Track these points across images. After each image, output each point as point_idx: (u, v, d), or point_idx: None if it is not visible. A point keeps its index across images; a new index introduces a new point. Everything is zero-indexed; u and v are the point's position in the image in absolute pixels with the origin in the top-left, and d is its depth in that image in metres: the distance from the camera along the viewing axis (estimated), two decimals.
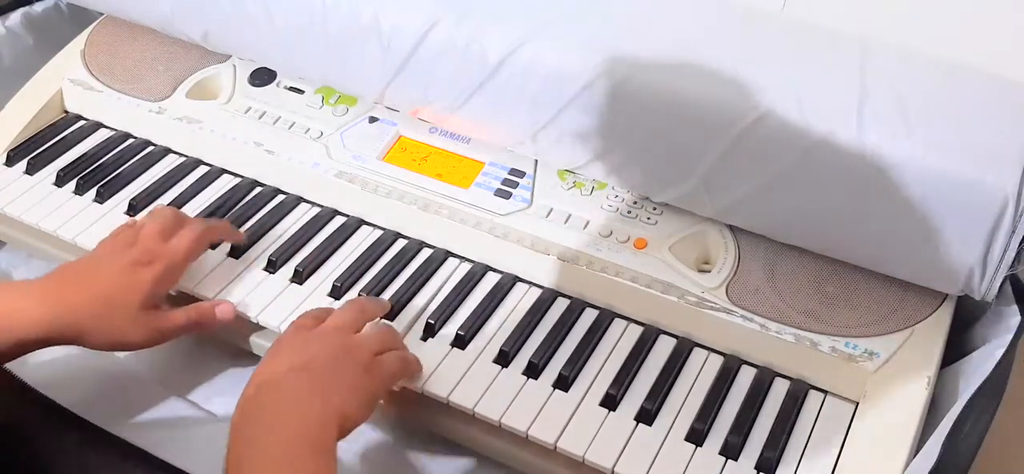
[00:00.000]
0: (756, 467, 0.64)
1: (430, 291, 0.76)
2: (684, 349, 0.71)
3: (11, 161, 0.89)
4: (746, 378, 0.69)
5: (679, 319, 0.72)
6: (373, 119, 0.87)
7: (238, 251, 0.79)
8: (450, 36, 0.76)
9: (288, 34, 0.84)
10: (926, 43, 0.72)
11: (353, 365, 0.63)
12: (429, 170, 0.82)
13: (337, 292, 0.76)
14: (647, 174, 0.75)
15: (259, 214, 0.83)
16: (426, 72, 0.79)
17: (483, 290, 0.76)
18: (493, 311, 0.74)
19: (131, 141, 0.91)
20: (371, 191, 0.82)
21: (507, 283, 0.76)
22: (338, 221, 0.82)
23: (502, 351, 0.71)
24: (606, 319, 0.73)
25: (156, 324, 0.70)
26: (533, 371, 0.69)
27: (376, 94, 0.83)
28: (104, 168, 0.88)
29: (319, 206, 0.84)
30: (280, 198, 0.85)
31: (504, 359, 0.70)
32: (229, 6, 0.85)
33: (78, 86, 0.94)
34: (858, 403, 0.67)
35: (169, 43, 0.95)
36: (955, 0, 0.77)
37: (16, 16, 1.01)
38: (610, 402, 0.67)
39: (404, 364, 0.67)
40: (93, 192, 0.85)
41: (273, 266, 0.78)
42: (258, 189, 0.85)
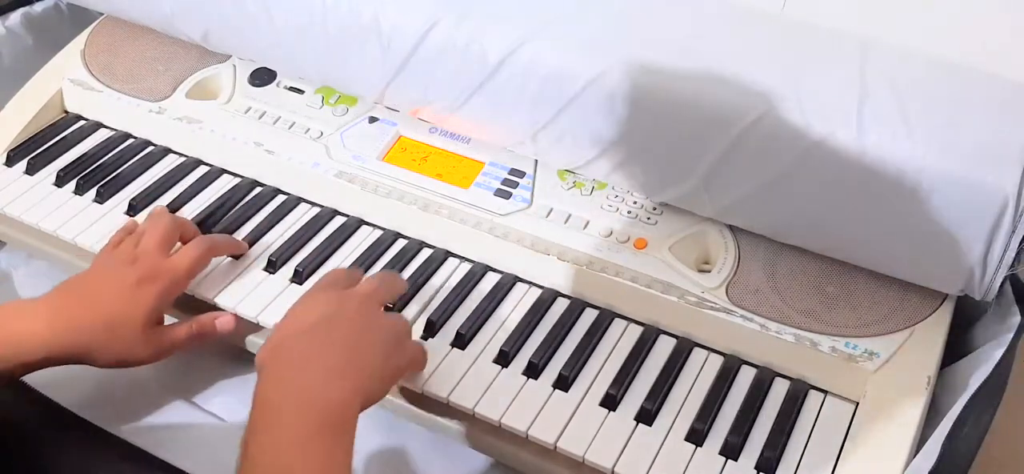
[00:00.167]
0: (756, 467, 0.64)
1: (430, 291, 0.76)
2: (684, 349, 0.71)
3: (11, 161, 0.89)
4: (746, 378, 0.69)
5: (679, 319, 0.72)
6: (373, 119, 0.87)
7: (239, 254, 0.79)
8: (450, 36, 0.76)
9: (288, 34, 0.84)
10: (926, 43, 0.72)
11: (379, 345, 0.63)
12: (429, 170, 0.82)
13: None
14: (647, 174, 0.75)
15: (259, 214, 0.83)
16: (426, 72, 0.79)
17: (483, 290, 0.76)
18: (493, 311, 0.74)
19: (131, 141, 0.91)
20: (371, 191, 0.82)
21: (507, 283, 0.76)
22: (338, 221, 0.82)
23: (502, 351, 0.71)
24: (606, 319, 0.73)
25: (159, 341, 0.70)
26: (533, 371, 0.69)
27: (376, 94, 0.83)
28: (104, 168, 0.88)
29: (319, 206, 0.84)
30: (280, 198, 0.85)
31: (504, 359, 0.70)
32: (229, 6, 0.85)
33: (78, 86, 0.94)
34: (858, 403, 0.67)
35: (169, 43, 0.95)
36: (955, 0, 0.77)
37: (16, 16, 1.01)
38: (610, 402, 0.67)
39: (421, 351, 0.68)
40: (93, 192, 0.85)
41: (273, 266, 0.78)
42: (258, 189, 0.85)
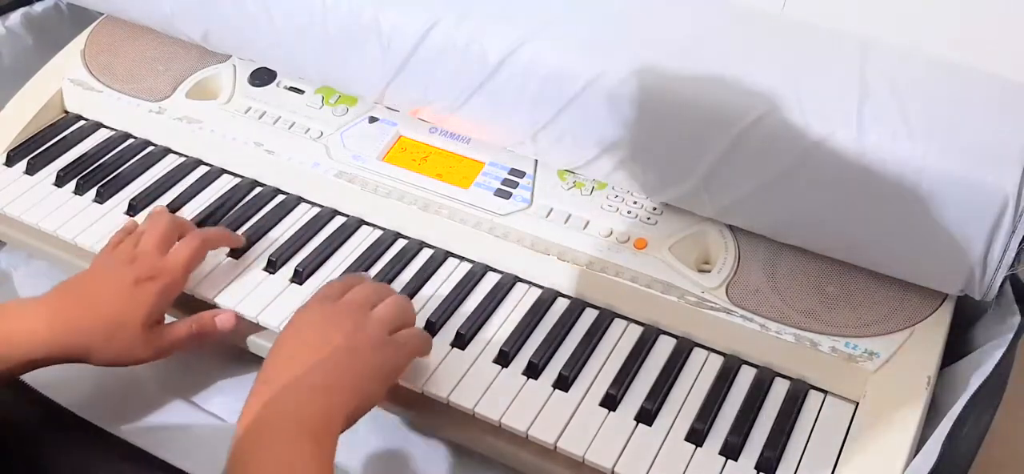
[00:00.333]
0: (756, 467, 0.64)
1: (430, 291, 0.76)
2: (684, 349, 0.71)
3: (11, 161, 0.89)
4: (746, 378, 0.69)
5: (679, 319, 0.72)
6: (373, 119, 0.87)
7: (238, 252, 0.79)
8: (450, 36, 0.76)
9: (288, 34, 0.83)
10: (926, 43, 0.72)
11: (365, 349, 0.63)
12: (429, 170, 0.82)
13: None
14: (647, 174, 0.75)
15: (259, 214, 0.83)
16: (426, 72, 0.79)
17: (483, 290, 0.76)
18: (493, 311, 0.74)
19: (131, 141, 0.91)
20: (371, 191, 0.82)
21: (507, 283, 0.76)
22: (338, 221, 0.82)
23: (502, 351, 0.71)
24: (606, 319, 0.73)
25: (160, 340, 0.70)
26: (533, 371, 0.69)
27: (376, 94, 0.83)
28: (104, 168, 0.88)
29: (319, 206, 0.84)
30: (280, 198, 0.85)
31: (504, 359, 0.70)
32: (229, 6, 0.85)
33: (78, 86, 0.94)
34: (858, 403, 0.67)
35: (169, 43, 0.95)
36: (955, 0, 0.77)
37: (16, 16, 1.01)
38: (610, 402, 0.67)
39: (417, 340, 0.68)
40: (93, 192, 0.85)
41: (273, 266, 0.78)
42: (258, 189, 0.85)
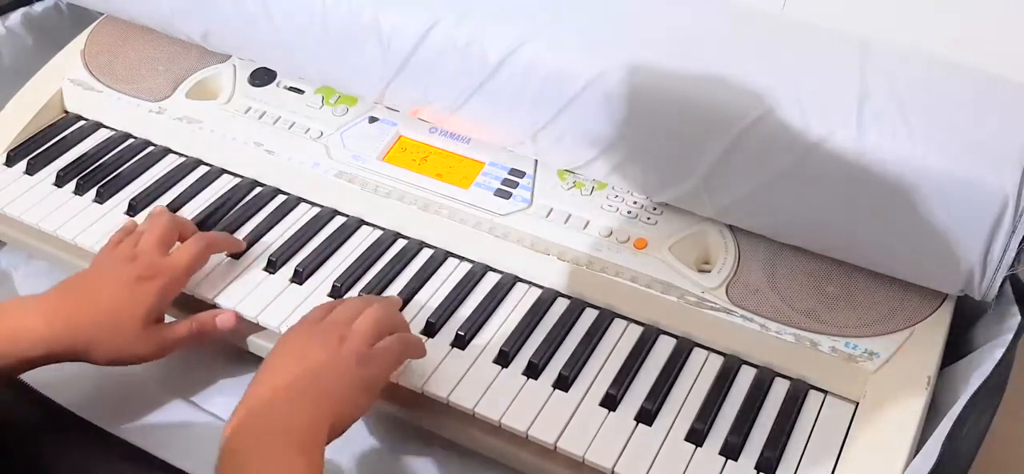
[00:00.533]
0: (756, 467, 0.64)
1: (430, 291, 0.76)
2: (684, 349, 0.71)
3: (11, 161, 0.89)
4: (746, 378, 0.69)
5: (679, 319, 0.72)
6: (373, 119, 0.87)
7: (238, 252, 0.79)
8: (450, 36, 0.76)
9: (288, 34, 0.83)
10: (926, 43, 0.72)
11: (346, 364, 0.63)
12: (429, 170, 0.82)
13: (337, 292, 0.76)
14: (647, 174, 0.75)
15: (259, 214, 0.83)
16: (426, 72, 0.79)
17: (483, 290, 0.76)
18: (493, 311, 0.74)
19: (131, 141, 0.91)
20: (371, 191, 0.82)
21: (507, 283, 0.76)
22: (338, 221, 0.82)
23: (502, 351, 0.71)
24: (606, 319, 0.73)
25: (159, 338, 0.70)
26: (533, 371, 0.69)
27: (376, 94, 0.83)
28: (104, 168, 0.88)
29: (319, 206, 0.84)
30: (280, 198, 0.85)
31: (504, 359, 0.70)
32: (229, 6, 0.85)
33: (78, 86, 0.94)
34: (858, 403, 0.67)
35: (169, 43, 0.95)
36: (955, 0, 0.77)
37: (16, 16, 1.01)
38: (610, 402, 0.67)
39: (404, 346, 0.67)
40: (93, 192, 0.85)
41: (273, 266, 0.78)
42: (258, 189, 0.85)
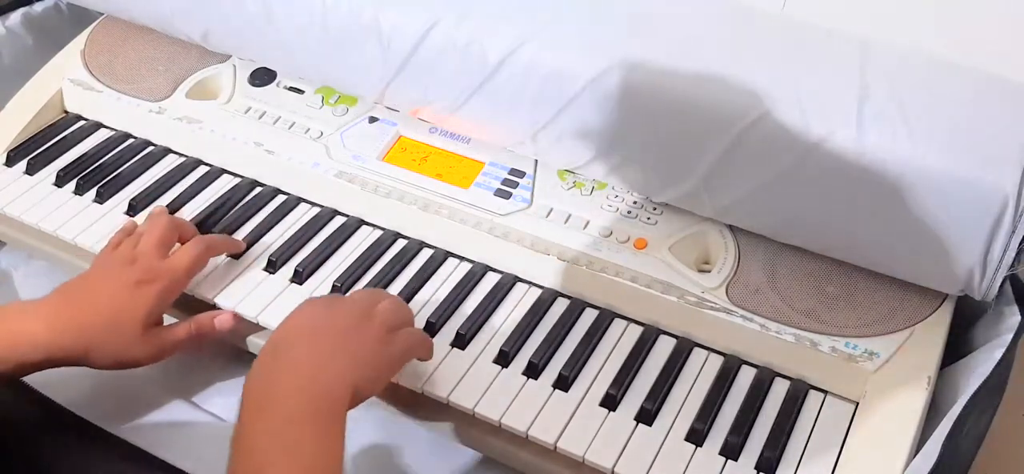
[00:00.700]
0: (756, 467, 0.64)
1: (430, 291, 0.76)
2: (684, 349, 0.71)
3: (11, 161, 0.89)
4: (746, 378, 0.69)
5: (679, 319, 0.72)
6: (373, 119, 0.87)
7: (238, 253, 0.79)
8: (450, 36, 0.76)
9: (288, 34, 0.83)
10: (926, 43, 0.72)
11: (371, 336, 0.63)
12: (429, 170, 0.82)
13: (337, 292, 0.76)
14: (647, 174, 0.75)
15: (259, 214, 0.83)
16: (426, 72, 0.79)
17: (483, 290, 0.76)
18: (493, 311, 0.74)
19: (131, 141, 0.91)
20: (371, 191, 0.82)
21: (507, 283, 0.76)
22: (338, 221, 0.82)
23: (502, 351, 0.71)
24: (606, 319, 0.73)
25: (159, 342, 0.70)
26: (533, 371, 0.69)
27: (376, 94, 0.83)
28: (104, 168, 0.88)
29: (319, 206, 0.84)
30: (280, 198, 0.85)
31: (504, 359, 0.70)
32: (229, 6, 0.85)
33: (78, 86, 0.94)
34: (858, 403, 0.67)
35: (169, 43, 0.95)
36: (955, 0, 0.77)
37: (16, 16, 1.01)
38: (610, 402, 0.67)
39: (418, 341, 0.68)
40: (93, 192, 0.85)
41: (273, 266, 0.78)
42: (258, 189, 0.85)
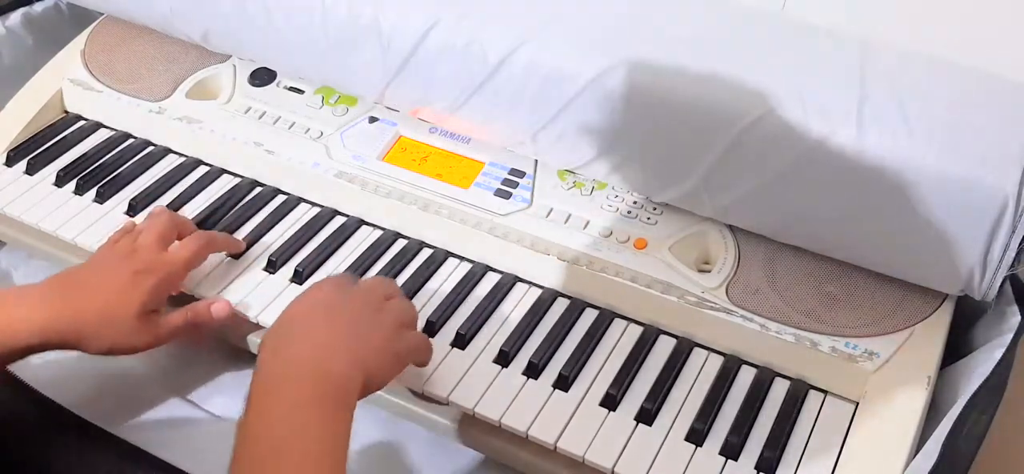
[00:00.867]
0: (756, 467, 0.64)
1: (430, 291, 0.76)
2: (684, 349, 0.71)
3: (11, 161, 0.89)
4: (746, 378, 0.69)
5: (679, 319, 0.72)
6: (373, 119, 0.87)
7: (237, 252, 0.79)
8: (450, 36, 0.76)
9: (288, 34, 0.83)
10: (926, 43, 0.72)
11: (383, 328, 0.63)
12: (429, 170, 0.82)
13: None
14: (647, 174, 0.75)
15: (259, 214, 0.83)
16: (426, 72, 0.79)
17: (483, 290, 0.76)
18: (493, 311, 0.74)
19: (131, 141, 0.91)
20: (371, 191, 0.82)
21: (507, 283, 0.76)
22: (338, 221, 0.82)
23: (502, 351, 0.71)
24: (606, 319, 0.73)
25: (154, 329, 0.70)
26: (533, 371, 0.69)
27: (376, 94, 0.83)
28: (104, 168, 0.88)
29: (319, 206, 0.84)
30: (280, 198, 0.85)
31: (504, 359, 0.70)
32: (229, 6, 0.85)
33: (78, 86, 0.94)
34: (858, 403, 0.67)
35: (169, 43, 0.95)
36: (955, 0, 0.77)
37: (16, 16, 1.01)
38: (610, 402, 0.67)
39: (423, 345, 0.68)
40: (93, 192, 0.85)
41: (273, 266, 0.78)
42: (258, 189, 0.85)
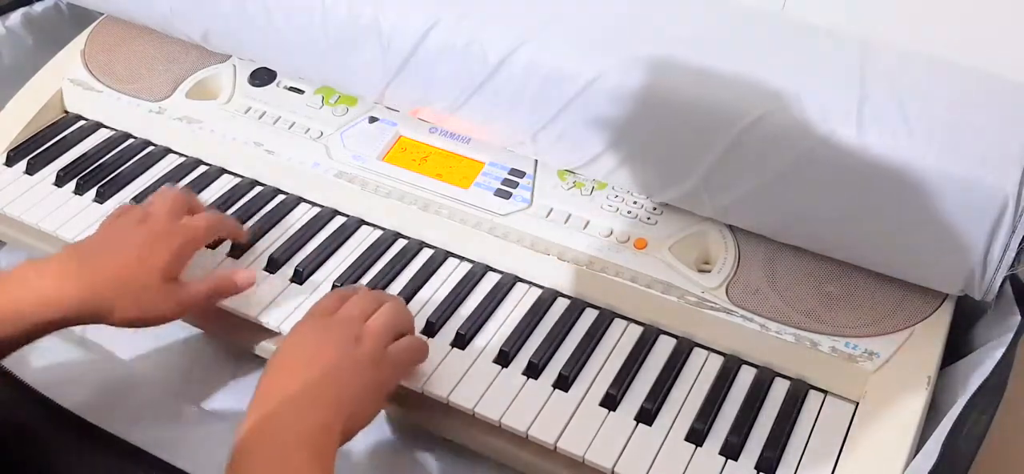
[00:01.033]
0: (756, 467, 0.64)
1: (430, 291, 0.76)
2: (684, 349, 0.71)
3: (11, 161, 0.89)
4: (746, 378, 0.69)
5: (679, 319, 0.72)
6: (373, 119, 0.87)
7: (238, 251, 0.79)
8: (450, 36, 0.76)
9: (288, 34, 0.83)
10: (926, 43, 0.72)
11: (361, 364, 0.62)
12: (429, 170, 0.82)
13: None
14: (647, 174, 0.75)
15: (259, 214, 0.83)
16: (426, 72, 0.79)
17: (483, 290, 0.76)
18: (493, 311, 0.74)
19: (131, 141, 0.91)
20: (371, 191, 0.82)
21: (507, 283, 0.76)
22: (338, 221, 0.82)
23: (502, 351, 0.71)
24: (606, 319, 0.73)
25: (179, 295, 0.69)
26: (533, 371, 0.69)
27: (376, 94, 0.83)
28: (104, 168, 0.88)
29: (319, 206, 0.84)
30: (280, 198, 0.85)
31: (504, 359, 0.70)
32: (229, 6, 0.85)
33: (78, 86, 0.94)
34: (858, 403, 0.67)
35: (169, 43, 0.95)
36: (955, 0, 0.77)
37: (16, 16, 1.01)
38: (610, 402, 0.67)
39: (414, 351, 0.67)
40: (93, 192, 0.85)
41: (273, 266, 0.78)
42: (258, 189, 0.85)
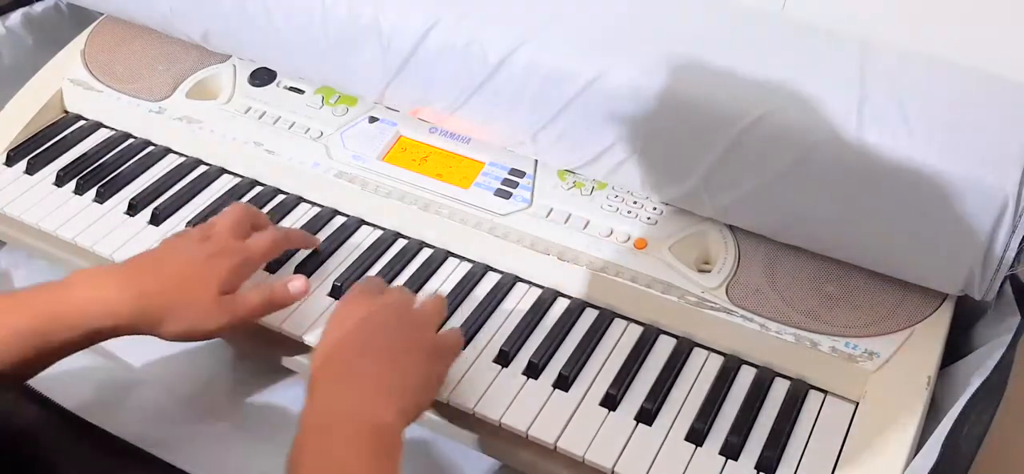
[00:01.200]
0: (756, 467, 0.64)
1: (430, 291, 0.76)
2: (684, 349, 0.71)
3: (11, 161, 0.89)
4: (746, 378, 0.69)
5: (679, 319, 0.72)
6: (373, 119, 0.87)
7: (314, 249, 0.79)
8: (450, 36, 0.76)
9: (288, 34, 0.84)
10: (926, 43, 0.72)
11: (427, 359, 0.63)
12: (429, 170, 0.82)
13: (337, 292, 0.76)
14: (647, 174, 0.75)
15: None
16: (426, 72, 0.79)
17: (483, 290, 0.76)
18: (493, 311, 0.74)
19: (131, 141, 0.91)
20: (371, 191, 0.82)
21: (507, 283, 0.76)
22: (338, 221, 0.82)
23: (502, 351, 0.71)
24: (606, 319, 0.73)
25: (232, 308, 0.69)
26: (533, 371, 0.69)
27: (376, 94, 0.83)
28: (104, 168, 0.88)
29: (319, 206, 0.84)
30: (280, 198, 0.85)
31: (504, 359, 0.70)
32: (229, 6, 0.85)
33: (78, 86, 0.94)
34: (858, 403, 0.67)
35: (169, 43, 0.95)
36: (955, 0, 0.77)
37: (16, 16, 1.01)
38: (610, 402, 0.67)
39: (459, 340, 0.68)
40: (93, 192, 0.85)
41: (273, 266, 0.78)
42: (258, 189, 0.85)
